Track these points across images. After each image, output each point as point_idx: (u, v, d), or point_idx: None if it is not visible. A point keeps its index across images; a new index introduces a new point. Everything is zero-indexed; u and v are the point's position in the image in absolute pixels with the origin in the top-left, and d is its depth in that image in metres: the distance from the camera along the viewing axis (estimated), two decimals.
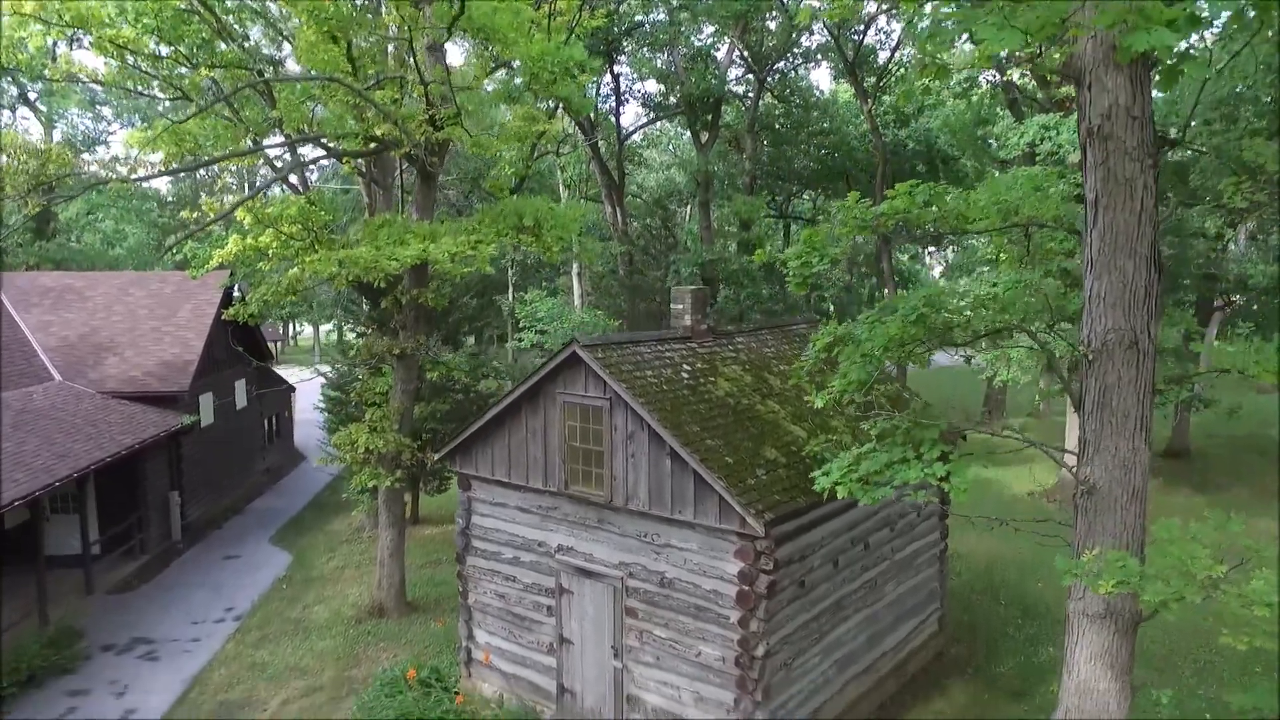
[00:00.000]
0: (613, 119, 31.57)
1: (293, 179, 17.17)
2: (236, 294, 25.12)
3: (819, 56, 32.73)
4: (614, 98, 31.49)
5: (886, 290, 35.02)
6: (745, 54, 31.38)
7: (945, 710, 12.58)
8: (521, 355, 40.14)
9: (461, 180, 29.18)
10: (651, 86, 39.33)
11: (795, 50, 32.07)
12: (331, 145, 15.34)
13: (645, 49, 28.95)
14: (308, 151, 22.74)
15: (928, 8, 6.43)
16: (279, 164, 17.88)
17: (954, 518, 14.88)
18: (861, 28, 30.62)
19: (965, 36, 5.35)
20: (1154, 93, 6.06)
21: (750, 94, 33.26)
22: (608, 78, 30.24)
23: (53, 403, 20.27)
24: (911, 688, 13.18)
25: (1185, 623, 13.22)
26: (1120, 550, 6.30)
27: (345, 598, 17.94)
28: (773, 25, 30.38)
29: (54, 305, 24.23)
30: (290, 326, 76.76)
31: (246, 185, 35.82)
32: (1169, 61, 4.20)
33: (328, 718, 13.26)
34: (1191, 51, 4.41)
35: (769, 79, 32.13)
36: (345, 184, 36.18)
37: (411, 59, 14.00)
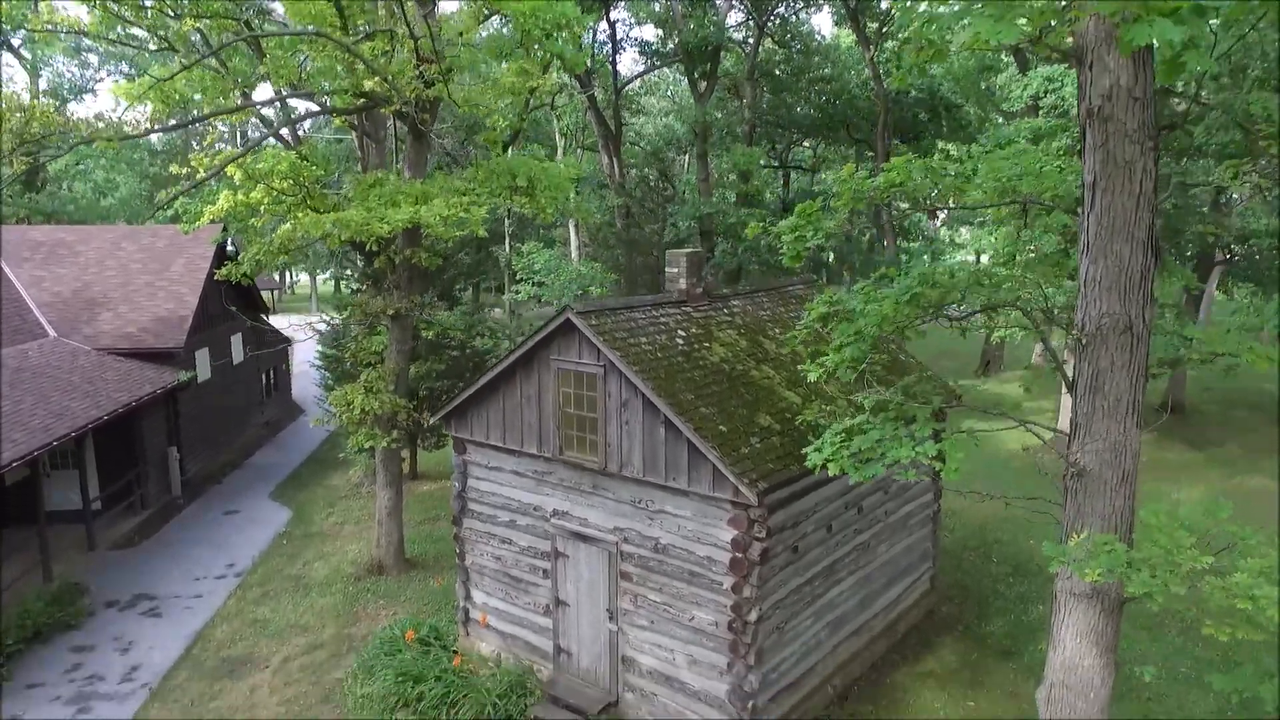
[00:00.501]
0: (609, 67, 30.97)
1: (284, 133, 16.90)
2: (230, 248, 24.95)
3: (821, 0, 31.99)
4: (610, 45, 30.84)
5: (886, 241, 34.78)
6: None
7: (935, 669, 12.81)
8: (519, 307, 40.03)
9: (456, 129, 28.73)
10: (649, 33, 38.53)
11: None
12: (321, 102, 15.02)
13: None
14: (298, 104, 22.38)
15: None
16: (270, 117, 17.63)
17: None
18: None
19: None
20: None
21: (750, 39, 32.58)
22: (604, 25, 29.58)
23: (48, 360, 20.23)
24: (902, 647, 13.40)
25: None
26: (1109, 533, 6.33)
27: (345, 554, 18.14)
28: None
29: (46, 260, 24.03)
30: (287, 275, 76.35)
31: (238, 135, 35.26)
32: (1170, 54, 4.07)
33: (329, 675, 13.49)
34: (1195, 39, 4.26)
35: (769, 23, 31.44)
36: (339, 134, 35.66)
37: (400, 10, 13.65)
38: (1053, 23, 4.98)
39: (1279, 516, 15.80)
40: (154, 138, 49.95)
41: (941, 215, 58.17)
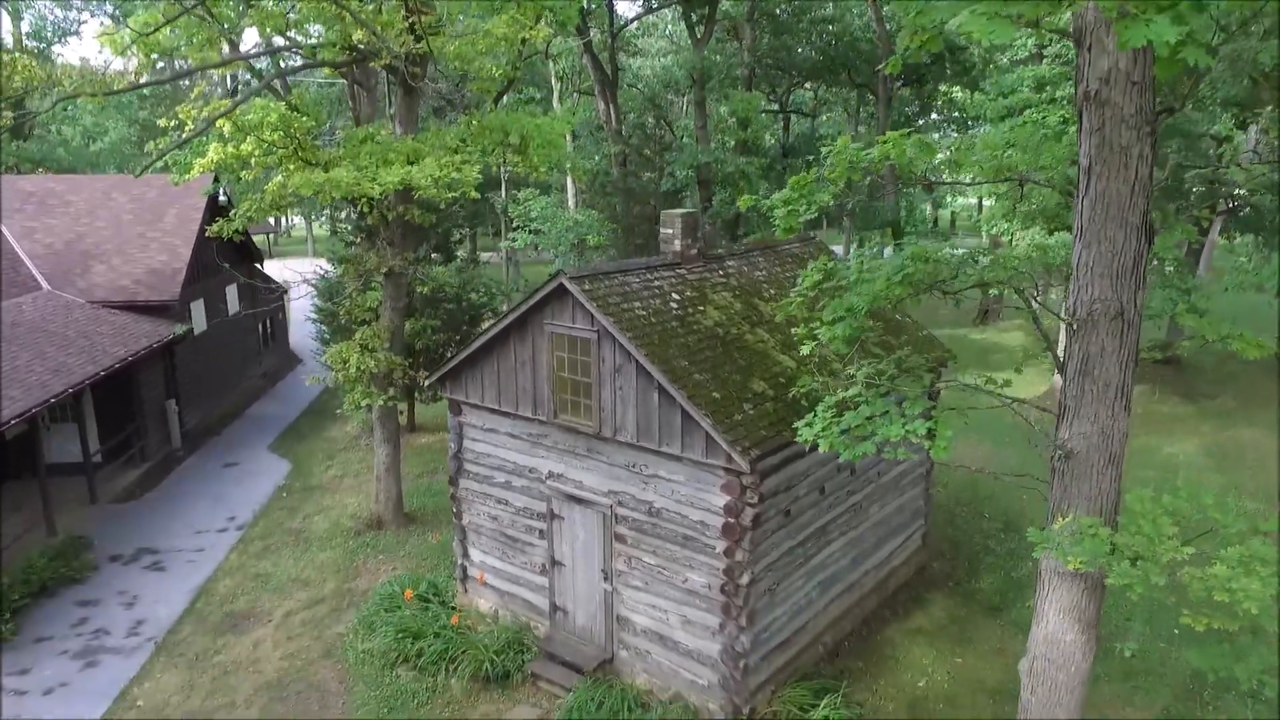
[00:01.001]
0: (605, 8, 30.22)
1: (274, 84, 16.56)
2: (222, 198, 24.70)
3: None
4: None
5: (887, 187, 34.40)
6: None
7: (924, 625, 13.06)
8: (516, 255, 39.73)
9: (448, 76, 28.15)
10: None
11: None
12: (310, 55, 14.70)
13: None
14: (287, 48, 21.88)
15: None
16: (259, 67, 17.24)
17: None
18: None
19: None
20: None
21: None
22: None
23: (43, 314, 20.18)
24: (893, 603, 13.65)
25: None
26: (1095, 516, 6.39)
27: (344, 508, 18.34)
28: None
29: (36, 211, 23.79)
30: (283, 219, 75.66)
31: (227, 80, 34.54)
32: (1167, 51, 3.96)
33: (331, 630, 13.76)
34: (1194, 34, 4.15)
35: None
36: (330, 79, 34.94)
37: None
38: (1048, 15, 4.83)
39: (1278, 468, 15.90)
40: (145, 74, 48.95)
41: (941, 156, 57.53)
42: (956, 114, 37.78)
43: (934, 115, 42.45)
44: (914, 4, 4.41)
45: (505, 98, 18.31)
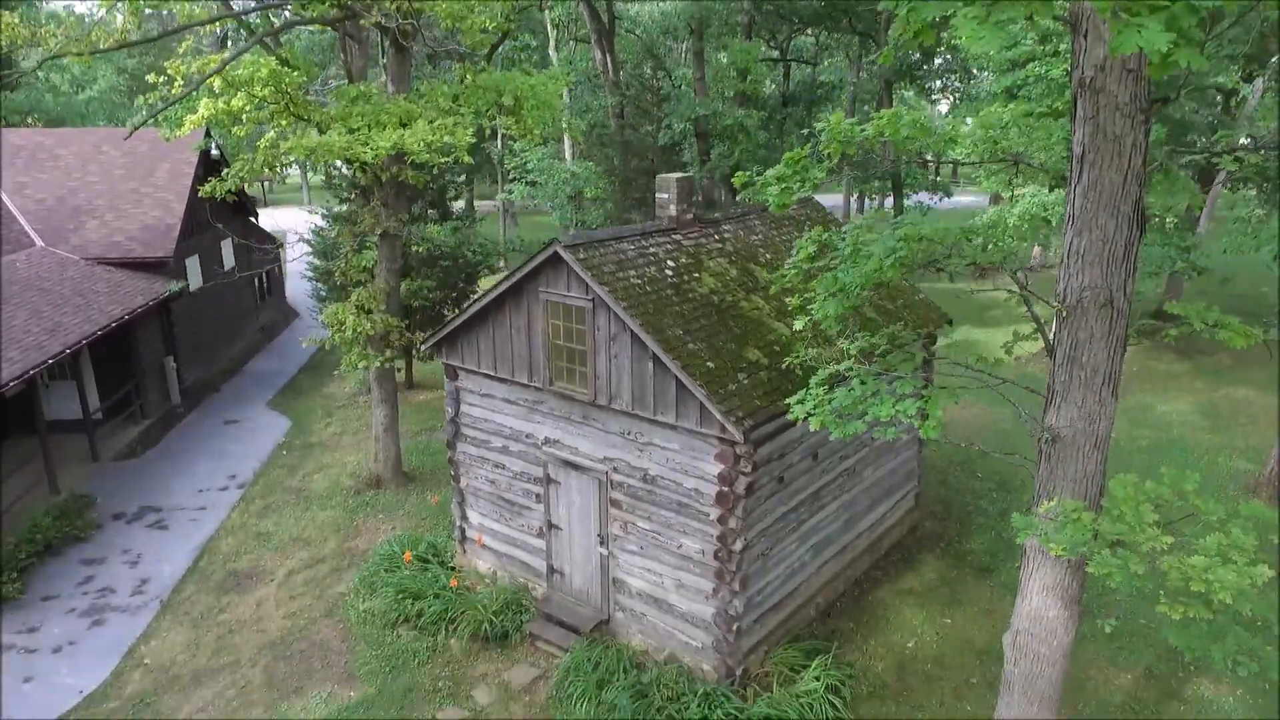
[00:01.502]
0: None
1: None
2: (215, 153, 24.43)
3: None
4: None
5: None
6: None
7: (915, 586, 13.30)
8: (513, 208, 39.40)
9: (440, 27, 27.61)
10: None
11: None
12: (299, 12, 14.41)
13: None
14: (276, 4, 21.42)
15: None
16: (250, 21, 16.92)
17: (939, 368, 15.18)
18: None
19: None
20: None
21: None
22: None
23: (37, 271, 20.10)
24: (885, 564, 13.88)
25: None
26: (1079, 499, 6.49)
27: (344, 466, 18.53)
28: None
29: (27, 165, 23.54)
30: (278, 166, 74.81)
31: (217, 30, 33.78)
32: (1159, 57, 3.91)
33: (332, 589, 14.01)
34: (1189, 35, 4.09)
35: None
36: (323, 28, 34.21)
37: None
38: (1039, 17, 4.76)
39: (1279, 426, 15.91)
40: (131, 32, 47.97)
41: (945, 106, 56.68)
42: (961, 61, 37.12)
43: (937, 61, 41.73)
44: (904, 2, 4.33)
45: (500, 49, 18.00)
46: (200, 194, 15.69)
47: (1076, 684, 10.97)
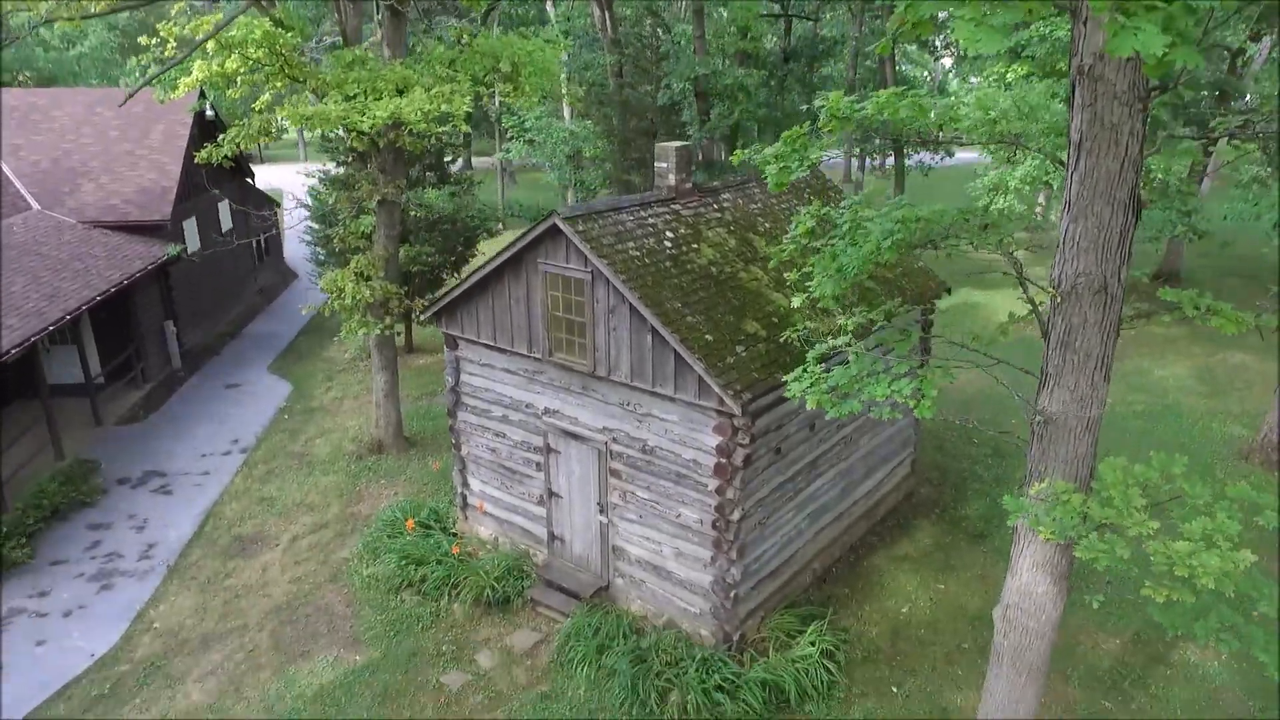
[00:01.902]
0: None
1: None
2: (209, 114, 24.19)
3: None
4: None
5: (887, 80, 33.61)
6: None
7: (910, 552, 13.52)
8: (511, 167, 39.05)
9: None
10: None
11: None
12: None
13: None
14: None
15: None
16: None
17: (936, 344, 15.30)
18: None
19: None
20: None
21: None
22: None
23: (34, 235, 20.04)
24: (880, 529, 14.08)
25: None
26: (1070, 480, 6.61)
27: (345, 431, 18.68)
28: None
29: (20, 127, 23.32)
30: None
31: None
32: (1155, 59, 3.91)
33: (336, 554, 14.23)
34: (1185, 34, 4.09)
35: None
36: None
37: None
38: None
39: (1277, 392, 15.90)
40: None
41: (948, 60, 55.93)
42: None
43: (941, 15, 41.13)
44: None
45: (496, 10, 17.74)
46: (197, 160, 15.59)
47: (1066, 649, 11.23)
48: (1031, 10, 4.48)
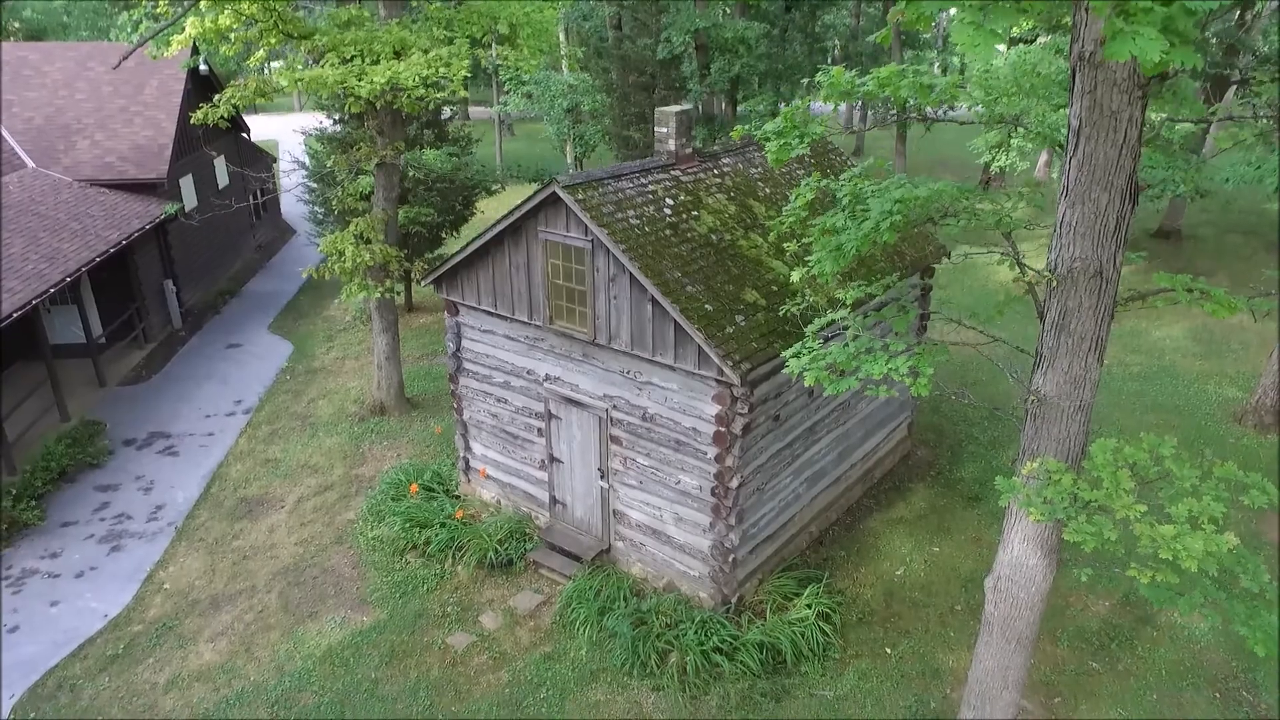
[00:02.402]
0: None
1: None
2: (203, 69, 23.87)
3: None
4: None
5: (893, 50, 33.15)
6: None
7: (905, 515, 13.75)
8: (508, 119, 38.59)
9: None
10: None
11: None
12: None
13: None
14: None
15: None
16: None
17: (933, 320, 15.33)
18: None
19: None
20: None
21: None
22: None
23: (30, 195, 19.95)
24: (877, 492, 14.30)
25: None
26: (1062, 460, 6.75)
27: (347, 392, 18.81)
28: None
29: (12, 82, 23.04)
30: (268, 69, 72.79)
31: None
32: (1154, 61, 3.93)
33: (341, 516, 14.46)
34: (1184, 33, 4.09)
35: None
36: None
37: None
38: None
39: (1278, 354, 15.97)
40: None
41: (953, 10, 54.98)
42: None
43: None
44: None
45: None
46: (192, 121, 15.46)
47: (1056, 611, 11.50)
48: (1029, 10, 4.47)
